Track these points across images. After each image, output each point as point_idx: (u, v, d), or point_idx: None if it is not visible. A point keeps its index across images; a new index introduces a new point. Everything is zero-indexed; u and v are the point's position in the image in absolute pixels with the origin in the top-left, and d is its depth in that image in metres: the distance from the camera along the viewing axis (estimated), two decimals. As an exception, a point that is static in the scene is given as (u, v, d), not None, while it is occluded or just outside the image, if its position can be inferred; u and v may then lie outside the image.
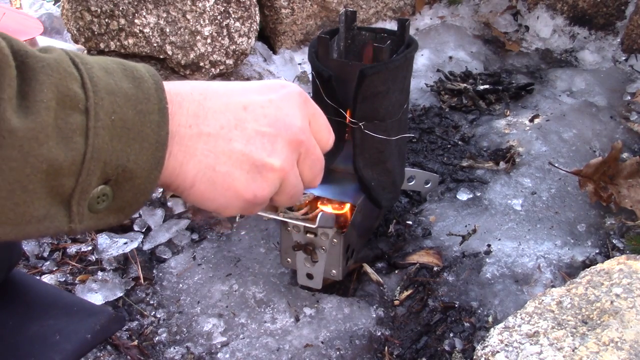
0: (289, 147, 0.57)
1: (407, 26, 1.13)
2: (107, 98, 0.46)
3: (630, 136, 1.68)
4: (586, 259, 1.26)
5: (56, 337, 0.74)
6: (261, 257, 1.29)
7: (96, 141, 0.45)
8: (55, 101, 0.43)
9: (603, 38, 2.12)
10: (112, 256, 1.28)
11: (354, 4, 2.11)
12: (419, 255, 1.28)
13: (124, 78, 0.48)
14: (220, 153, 0.54)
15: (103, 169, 0.46)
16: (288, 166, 0.57)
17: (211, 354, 1.10)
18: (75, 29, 1.61)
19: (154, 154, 0.48)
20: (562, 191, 1.44)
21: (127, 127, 0.46)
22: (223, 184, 0.55)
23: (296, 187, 0.60)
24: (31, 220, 0.44)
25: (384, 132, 1.10)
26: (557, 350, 0.78)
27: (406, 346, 1.11)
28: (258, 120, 0.55)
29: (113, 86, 0.46)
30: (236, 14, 1.65)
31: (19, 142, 0.41)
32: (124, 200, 0.49)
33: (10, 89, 0.41)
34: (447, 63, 2.05)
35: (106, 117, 0.45)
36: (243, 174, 0.55)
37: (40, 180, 0.43)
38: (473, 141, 1.68)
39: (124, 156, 0.46)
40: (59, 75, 0.44)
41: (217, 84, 0.57)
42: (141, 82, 0.49)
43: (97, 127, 0.45)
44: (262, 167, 0.56)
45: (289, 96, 0.58)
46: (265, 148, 0.55)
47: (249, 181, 0.55)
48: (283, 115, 0.57)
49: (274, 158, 0.56)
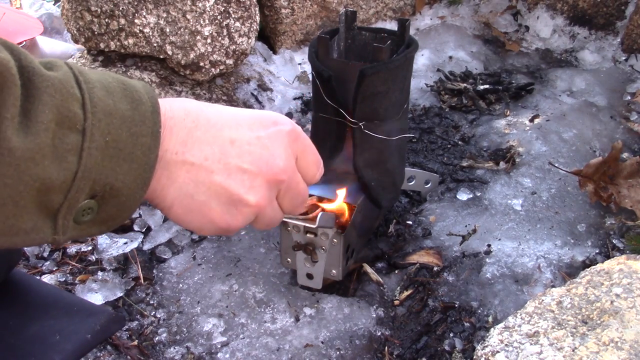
0: (267, 185, 0.59)
1: (407, 26, 1.13)
2: (104, 119, 0.47)
3: (630, 136, 1.68)
4: (586, 259, 1.26)
5: (56, 337, 0.74)
6: (261, 257, 1.29)
7: (88, 161, 0.46)
8: (55, 122, 0.45)
9: (603, 38, 2.12)
10: (112, 256, 1.28)
11: (354, 4, 2.11)
12: (419, 255, 1.28)
13: (123, 99, 0.49)
14: (200, 183, 0.56)
15: (92, 186, 0.47)
16: (264, 202, 0.59)
17: (211, 354, 1.10)
18: (75, 29, 1.61)
19: (141, 175, 0.50)
20: (562, 191, 1.44)
21: (119, 147, 0.48)
22: (199, 212, 0.57)
23: (273, 218, 0.63)
24: (19, 232, 0.45)
25: (384, 132, 1.10)
26: (557, 350, 0.78)
27: (406, 346, 1.11)
28: (242, 156, 0.57)
29: (111, 107, 0.48)
30: (236, 14, 1.65)
31: (16, 161, 0.43)
32: (107, 214, 0.50)
33: (14, 108, 0.42)
34: (447, 63, 2.05)
35: (101, 138, 0.47)
36: (219, 205, 0.57)
37: (31, 197, 0.45)
38: (473, 141, 1.68)
39: (113, 175, 0.48)
40: (62, 96, 0.45)
41: (213, 110, 0.58)
42: (139, 104, 0.50)
43: (91, 148, 0.46)
44: (239, 201, 0.58)
45: (277, 135, 0.60)
46: (244, 184, 0.58)
47: (223, 212, 0.58)
48: (267, 155, 0.59)
49: (250, 195, 0.58)
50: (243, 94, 1.76)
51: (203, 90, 1.71)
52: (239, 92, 1.77)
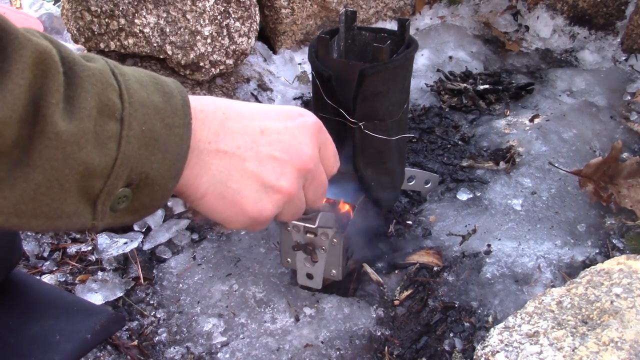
0: (297, 173, 0.61)
1: (407, 26, 1.13)
2: (140, 109, 0.49)
3: (630, 136, 1.68)
4: (586, 259, 1.26)
5: (56, 337, 0.74)
6: (261, 257, 1.29)
7: (127, 148, 0.48)
8: (97, 109, 0.46)
9: (603, 38, 2.12)
10: (112, 256, 1.28)
11: (354, 4, 2.11)
12: (419, 255, 1.28)
13: (156, 92, 0.51)
14: (233, 170, 0.58)
15: (129, 174, 0.49)
16: (294, 190, 0.61)
17: (211, 354, 1.10)
18: (75, 29, 1.61)
19: (175, 165, 0.52)
20: (562, 191, 1.44)
21: (154, 137, 0.50)
22: (232, 200, 0.59)
23: (299, 207, 0.65)
24: (62, 215, 0.47)
25: (384, 132, 1.10)
26: (557, 350, 0.78)
27: (406, 346, 1.11)
28: (272, 144, 0.60)
29: (145, 99, 0.50)
30: (236, 14, 1.65)
31: (63, 144, 0.44)
32: (141, 203, 0.52)
33: (59, 94, 0.44)
34: (447, 63, 2.05)
35: (138, 127, 0.49)
36: (252, 193, 0.59)
37: (75, 181, 0.46)
38: (473, 141, 1.68)
39: (148, 164, 0.50)
40: (102, 85, 0.47)
41: (240, 104, 0.61)
42: (170, 97, 0.52)
43: (129, 136, 0.48)
44: (270, 188, 0.60)
45: (304, 125, 0.63)
46: (275, 171, 0.60)
47: (256, 200, 0.59)
48: (296, 143, 0.61)
49: (282, 181, 0.60)
50: (243, 94, 1.76)
51: (203, 90, 1.71)
52: (239, 92, 1.77)
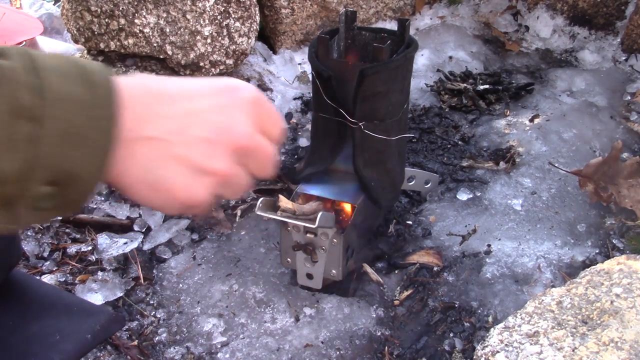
0: (230, 153, 0.58)
1: (407, 26, 1.13)
2: (59, 105, 0.46)
3: (630, 136, 1.68)
4: (586, 259, 1.26)
5: (56, 337, 0.74)
6: (261, 257, 1.29)
7: (44, 149, 0.46)
8: (8, 113, 0.44)
9: (603, 38, 2.12)
10: (112, 256, 1.28)
11: (354, 4, 2.11)
12: (419, 255, 1.28)
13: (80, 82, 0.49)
14: (160, 157, 0.55)
15: (49, 174, 0.47)
16: (227, 170, 0.59)
17: (211, 354, 1.10)
18: (75, 29, 1.61)
19: (100, 158, 0.50)
20: (562, 191, 1.44)
21: (76, 132, 0.47)
22: (161, 187, 0.56)
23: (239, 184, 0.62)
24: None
25: (384, 132, 1.10)
26: (557, 350, 0.78)
27: (406, 346, 1.11)
28: (202, 125, 0.57)
29: (67, 92, 0.47)
30: (236, 14, 1.65)
31: None
32: (68, 198, 0.50)
33: None
34: (447, 63, 2.05)
35: (56, 125, 0.46)
36: (180, 178, 0.57)
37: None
38: (473, 141, 1.68)
39: (70, 161, 0.48)
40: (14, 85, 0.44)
41: (173, 83, 0.58)
42: (96, 87, 0.49)
43: (46, 136, 0.46)
44: (200, 171, 0.57)
45: (238, 101, 0.60)
46: (205, 153, 0.57)
47: (185, 185, 0.57)
48: (228, 122, 0.58)
49: (212, 163, 0.57)
50: (243, 94, 1.76)
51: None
52: (239, 92, 1.77)
